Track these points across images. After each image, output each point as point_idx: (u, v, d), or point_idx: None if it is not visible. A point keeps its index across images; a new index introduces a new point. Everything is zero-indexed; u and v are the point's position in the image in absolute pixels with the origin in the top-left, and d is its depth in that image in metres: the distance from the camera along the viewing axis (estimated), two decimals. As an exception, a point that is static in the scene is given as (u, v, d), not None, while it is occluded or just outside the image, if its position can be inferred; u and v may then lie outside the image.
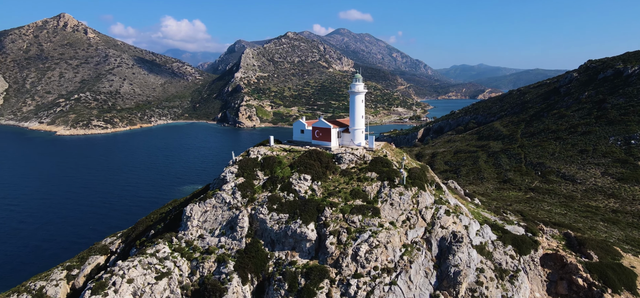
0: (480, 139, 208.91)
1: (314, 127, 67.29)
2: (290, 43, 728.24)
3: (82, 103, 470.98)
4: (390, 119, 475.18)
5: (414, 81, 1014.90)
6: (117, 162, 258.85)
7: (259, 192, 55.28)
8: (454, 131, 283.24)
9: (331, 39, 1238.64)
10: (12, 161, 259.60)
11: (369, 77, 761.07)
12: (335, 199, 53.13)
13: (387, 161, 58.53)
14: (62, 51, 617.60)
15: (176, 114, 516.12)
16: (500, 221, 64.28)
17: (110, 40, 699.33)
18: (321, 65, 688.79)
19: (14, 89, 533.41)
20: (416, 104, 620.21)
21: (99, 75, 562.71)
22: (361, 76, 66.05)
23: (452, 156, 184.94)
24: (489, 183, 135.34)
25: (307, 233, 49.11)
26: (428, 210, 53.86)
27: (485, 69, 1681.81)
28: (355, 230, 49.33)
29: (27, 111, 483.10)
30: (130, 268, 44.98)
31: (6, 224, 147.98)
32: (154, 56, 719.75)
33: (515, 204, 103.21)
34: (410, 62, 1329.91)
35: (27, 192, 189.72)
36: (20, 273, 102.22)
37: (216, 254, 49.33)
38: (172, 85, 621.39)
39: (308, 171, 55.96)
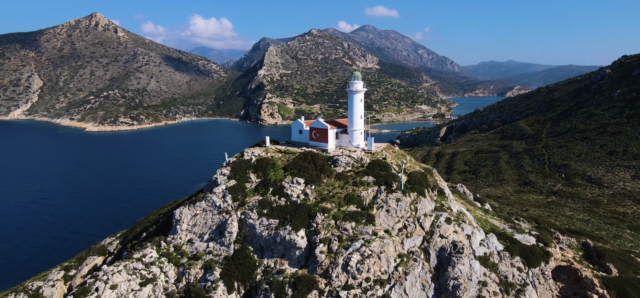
0: (503, 138, 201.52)
1: (311, 128, 65.10)
2: (314, 40, 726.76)
3: (111, 100, 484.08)
4: (414, 117, 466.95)
5: (440, 78, 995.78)
6: (140, 158, 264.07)
7: (250, 195, 53.64)
8: (477, 130, 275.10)
9: (356, 36, 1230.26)
10: (41, 157, 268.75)
11: (393, 74, 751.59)
12: (329, 204, 50.86)
13: (386, 165, 55.76)
14: (94, 49, 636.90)
15: (200, 112, 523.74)
16: (509, 230, 60.47)
17: (138, 39, 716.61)
18: (344, 62, 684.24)
19: (48, 86, 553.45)
20: (441, 101, 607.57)
21: (127, 73, 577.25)
22: (360, 74, 63.33)
23: (473, 156, 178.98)
24: (508, 185, 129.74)
25: (296, 240, 47.11)
26: (427, 217, 50.86)
27: (515, 66, 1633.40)
28: (347, 238, 46.96)
29: (60, 107, 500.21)
30: (115, 274, 44.21)
31: (38, 218, 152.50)
32: (181, 54, 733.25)
33: (533, 209, 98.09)
34: (436, 59, 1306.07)
35: (53, 187, 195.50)
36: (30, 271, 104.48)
37: (203, 260, 48.01)
38: (197, 82, 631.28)
39: (301, 174, 53.88)
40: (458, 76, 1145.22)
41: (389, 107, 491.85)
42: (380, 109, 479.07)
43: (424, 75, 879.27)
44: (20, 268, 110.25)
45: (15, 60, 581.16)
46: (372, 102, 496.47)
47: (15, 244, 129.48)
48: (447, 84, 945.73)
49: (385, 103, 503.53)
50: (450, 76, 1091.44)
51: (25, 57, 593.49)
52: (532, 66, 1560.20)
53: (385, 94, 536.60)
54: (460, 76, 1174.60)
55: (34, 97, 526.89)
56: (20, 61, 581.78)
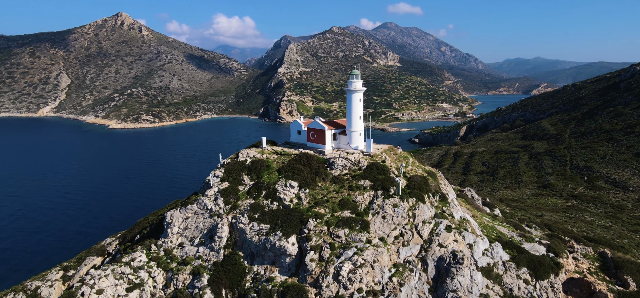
0: (525, 138, 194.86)
1: (309, 128, 63.26)
2: (335, 38, 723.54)
3: (134, 98, 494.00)
4: (434, 116, 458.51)
5: (463, 75, 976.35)
6: (160, 155, 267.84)
7: (243, 199, 52.32)
8: (498, 129, 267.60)
9: (377, 33, 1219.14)
10: (66, 153, 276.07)
11: (415, 71, 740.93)
12: (322, 209, 49.00)
13: (384, 168, 53.45)
14: (119, 48, 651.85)
15: (220, 109, 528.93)
16: (517, 238, 57.24)
17: (162, 37, 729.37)
18: (365, 60, 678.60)
19: (75, 84, 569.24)
20: (463, 99, 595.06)
21: (151, 71, 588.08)
22: (358, 72, 61.04)
23: (492, 156, 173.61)
24: (526, 188, 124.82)
25: (286, 247, 45.48)
26: (426, 225, 48.37)
27: (542, 63, 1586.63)
28: (340, 245, 45.03)
29: (86, 105, 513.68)
30: (102, 278, 43.69)
31: (62, 212, 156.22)
32: (203, 52, 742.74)
33: (549, 214, 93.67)
34: (459, 56, 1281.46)
35: (76, 183, 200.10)
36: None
37: (192, 265, 46.99)
38: (218, 80, 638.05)
39: (295, 177, 52.15)
40: (482, 74, 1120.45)
41: (409, 106, 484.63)
42: (400, 108, 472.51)
43: (446, 73, 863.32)
44: (45, 262, 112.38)
45: (45, 59, 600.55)
46: (392, 100, 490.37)
47: (42, 238, 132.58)
48: (470, 82, 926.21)
49: (405, 101, 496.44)
50: (473, 74, 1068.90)
51: (55, 56, 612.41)
52: (560, 63, 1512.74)
53: (405, 92, 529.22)
54: (484, 73, 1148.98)
55: (62, 95, 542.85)
56: (50, 60, 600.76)
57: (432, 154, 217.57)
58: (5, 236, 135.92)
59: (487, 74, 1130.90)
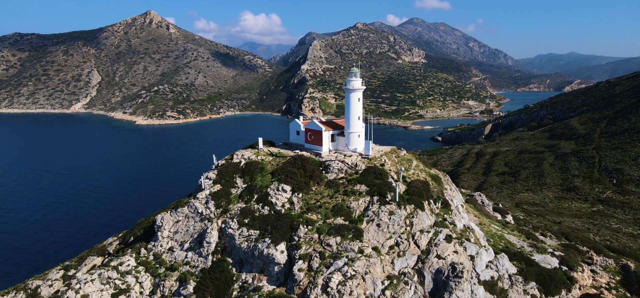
0: (552, 137, 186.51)
1: (307, 129, 61.10)
2: (359, 34, 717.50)
3: (160, 95, 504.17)
4: (459, 113, 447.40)
5: (491, 72, 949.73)
6: (182, 151, 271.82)
7: (234, 202, 50.83)
8: (525, 128, 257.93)
9: (403, 29, 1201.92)
10: (93, 148, 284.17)
11: (441, 68, 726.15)
12: (314, 215, 46.90)
13: (382, 172, 50.81)
14: (147, 46, 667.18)
15: (243, 106, 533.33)
16: (528, 248, 53.56)
17: (189, 35, 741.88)
18: (390, 56, 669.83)
19: (105, 81, 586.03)
20: (490, 96, 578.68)
21: (177, 68, 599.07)
22: (358, 70, 58.48)
23: (515, 156, 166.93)
24: (549, 191, 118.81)
25: (275, 255, 43.68)
26: (424, 234, 45.55)
27: (577, 58, 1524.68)
28: (330, 255, 42.85)
29: (115, 101, 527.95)
30: (88, 283, 43.17)
31: (84, 203, 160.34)
32: (228, 49, 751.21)
33: (570, 219, 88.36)
34: (488, 52, 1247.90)
35: (99, 178, 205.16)
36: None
37: (180, 271, 45.86)
38: (242, 77, 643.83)
39: (289, 181, 50.23)
40: (511, 70, 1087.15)
41: (433, 103, 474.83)
42: (424, 105, 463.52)
43: (474, 69, 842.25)
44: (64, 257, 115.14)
45: (77, 57, 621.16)
46: (416, 97, 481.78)
47: (70, 231, 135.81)
48: (498, 78, 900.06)
49: (430, 99, 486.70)
50: (502, 70, 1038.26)
51: (87, 54, 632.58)
52: (596, 59, 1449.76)
53: (430, 89, 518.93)
54: (513, 69, 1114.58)
55: (92, 92, 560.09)
56: (82, 58, 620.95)
57: (453, 154, 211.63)
58: (29, 229, 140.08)
59: (517, 71, 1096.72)
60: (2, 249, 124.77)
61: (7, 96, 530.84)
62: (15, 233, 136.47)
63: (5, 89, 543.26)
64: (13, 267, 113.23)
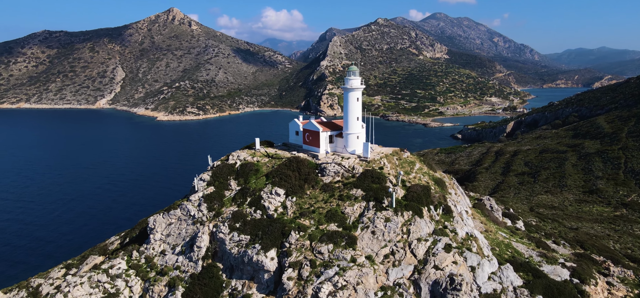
0: (576, 136, 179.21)
1: (304, 129, 59.30)
2: (380, 30, 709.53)
3: (182, 91, 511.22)
4: (481, 110, 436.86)
5: (516, 67, 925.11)
6: (200, 147, 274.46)
7: (227, 205, 49.63)
8: (549, 126, 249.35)
9: (425, 24, 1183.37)
10: (116, 143, 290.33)
11: (463, 64, 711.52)
12: (307, 221, 45.25)
13: (380, 176, 48.68)
14: (170, 42, 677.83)
15: (263, 102, 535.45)
16: (537, 258, 50.52)
17: (210, 31, 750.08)
18: (411, 52, 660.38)
19: (129, 78, 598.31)
20: (514, 93, 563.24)
21: (198, 65, 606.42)
22: (357, 69, 56.32)
23: (536, 156, 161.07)
24: (569, 193, 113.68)
25: (264, 262, 42.28)
26: (421, 242, 43.30)
27: (607, 53, 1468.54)
28: (321, 263, 41.13)
29: (138, 97, 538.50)
30: (77, 286, 42.85)
31: (105, 197, 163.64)
32: (249, 45, 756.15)
33: (590, 224, 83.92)
34: (513, 47, 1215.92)
35: (120, 172, 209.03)
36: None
37: (169, 276, 45.00)
38: (262, 73, 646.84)
39: (283, 184, 48.67)
40: (537, 65, 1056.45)
41: (454, 100, 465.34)
42: (445, 102, 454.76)
43: (498, 65, 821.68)
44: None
45: (103, 53, 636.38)
46: (437, 94, 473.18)
47: (87, 226, 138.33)
48: (523, 74, 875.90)
49: (451, 95, 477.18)
50: (528, 65, 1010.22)
51: (112, 50, 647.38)
52: (629, 53, 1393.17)
53: (451, 85, 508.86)
54: (540, 65, 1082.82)
55: (117, 88, 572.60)
56: (107, 54, 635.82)
57: (472, 152, 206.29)
58: (55, 221, 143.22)
59: (543, 66, 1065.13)
60: (27, 240, 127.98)
61: (36, 92, 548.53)
62: (41, 225, 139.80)
63: (35, 85, 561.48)
64: (39, 258, 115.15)
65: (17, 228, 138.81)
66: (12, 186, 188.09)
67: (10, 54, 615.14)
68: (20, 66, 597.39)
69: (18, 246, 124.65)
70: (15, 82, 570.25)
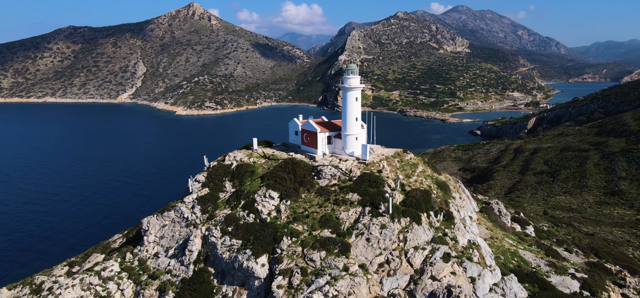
0: (600, 134, 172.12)
1: (302, 129, 57.58)
2: (399, 24, 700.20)
3: (200, 86, 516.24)
4: (502, 106, 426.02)
5: (541, 61, 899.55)
6: (217, 141, 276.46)
7: (221, 208, 48.55)
8: (572, 122, 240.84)
9: (447, 17, 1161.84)
10: (137, 136, 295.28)
11: (485, 58, 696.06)
12: (300, 226, 43.75)
13: (378, 180, 46.70)
14: (189, 37, 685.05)
15: (280, 97, 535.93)
16: (545, 268, 47.81)
17: (229, 26, 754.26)
18: (431, 46, 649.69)
19: (150, 72, 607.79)
20: (538, 88, 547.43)
21: (217, 59, 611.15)
22: (356, 67, 54.19)
23: (557, 154, 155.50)
24: (590, 194, 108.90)
25: (254, 268, 41.04)
26: (418, 251, 41.27)
27: (639, 46, 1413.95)
28: (313, 271, 39.61)
29: (158, 92, 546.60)
30: (68, 288, 42.60)
31: (125, 191, 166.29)
32: (267, 40, 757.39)
33: (608, 229, 79.84)
34: (538, 40, 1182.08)
35: (139, 166, 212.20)
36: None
37: (160, 280, 44.28)
38: (280, 68, 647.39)
39: (277, 187, 47.22)
40: (563, 59, 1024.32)
41: (474, 95, 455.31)
42: (465, 97, 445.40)
43: (521, 58, 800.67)
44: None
45: (125, 48, 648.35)
46: (457, 89, 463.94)
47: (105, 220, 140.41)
48: (548, 68, 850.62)
49: (471, 90, 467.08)
50: (553, 59, 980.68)
51: (133, 45, 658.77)
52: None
53: (472, 79, 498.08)
54: (566, 58, 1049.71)
55: (138, 83, 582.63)
56: (129, 49, 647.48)
57: (490, 149, 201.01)
58: (69, 215, 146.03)
59: (569, 60, 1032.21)
60: (51, 232, 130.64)
61: (61, 86, 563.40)
62: (65, 218, 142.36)
63: (60, 79, 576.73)
64: (61, 250, 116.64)
65: (42, 219, 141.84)
66: (37, 178, 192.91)
67: (37, 49, 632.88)
68: (46, 61, 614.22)
69: (43, 238, 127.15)
70: (41, 77, 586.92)
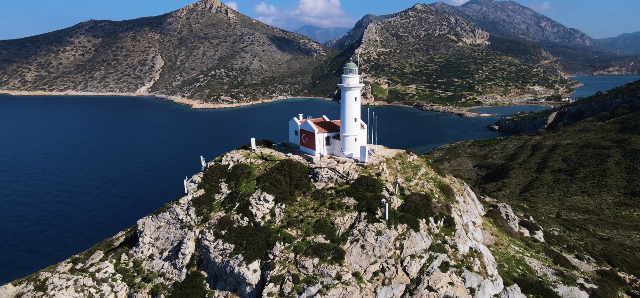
0: (623, 130, 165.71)
1: (301, 130, 55.97)
2: (418, 16, 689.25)
3: (217, 79, 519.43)
4: (522, 100, 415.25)
5: (564, 54, 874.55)
6: (231, 134, 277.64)
7: (216, 210, 47.57)
8: (595, 117, 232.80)
9: (466, 9, 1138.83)
10: (150, 129, 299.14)
11: (506, 50, 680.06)
12: (294, 231, 42.44)
13: (376, 183, 44.93)
14: (207, 31, 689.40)
15: (296, 90, 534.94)
16: (552, 278, 45.44)
17: (246, 19, 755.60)
18: (449, 38, 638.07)
19: (168, 66, 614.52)
20: (561, 81, 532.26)
21: (233, 53, 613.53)
22: (355, 66, 52.22)
23: (576, 151, 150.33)
24: (609, 194, 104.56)
25: (246, 274, 39.97)
26: (415, 259, 39.50)
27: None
28: (305, 279, 38.30)
29: (175, 85, 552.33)
30: (62, 289, 42.43)
31: (143, 183, 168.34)
32: (284, 33, 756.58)
33: (627, 232, 76.17)
34: (562, 31, 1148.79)
35: (158, 159, 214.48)
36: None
37: (153, 283, 43.68)
38: (296, 61, 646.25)
39: (272, 190, 45.93)
40: (588, 51, 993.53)
41: (494, 88, 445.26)
42: (483, 91, 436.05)
43: (544, 51, 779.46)
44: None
45: (143, 42, 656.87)
46: (475, 82, 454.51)
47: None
48: (572, 60, 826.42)
49: (490, 84, 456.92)
50: (577, 52, 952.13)
51: (152, 39, 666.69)
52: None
53: (491, 73, 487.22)
54: (591, 50, 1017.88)
55: (156, 76, 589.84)
56: (148, 43, 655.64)
57: (507, 145, 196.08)
58: (89, 207, 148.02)
59: (595, 52, 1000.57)
60: (72, 223, 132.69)
61: (82, 80, 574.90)
62: (86, 210, 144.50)
63: (81, 73, 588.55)
64: (81, 241, 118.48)
65: (63, 210, 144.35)
66: (58, 170, 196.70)
67: (59, 43, 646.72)
68: (68, 55, 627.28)
69: (64, 229, 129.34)
70: (63, 71, 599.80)
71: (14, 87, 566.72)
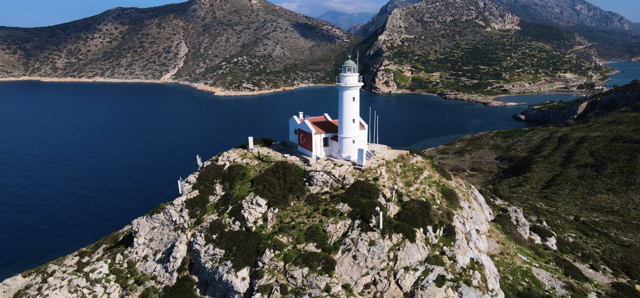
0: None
1: (299, 129, 53.89)
2: (444, 0, 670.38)
3: (239, 66, 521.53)
4: (552, 88, 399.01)
5: (601, 38, 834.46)
6: (253, 122, 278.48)
7: (210, 212, 46.51)
8: (629, 108, 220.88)
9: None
10: (174, 116, 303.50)
11: (537, 36, 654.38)
12: (285, 238, 40.88)
13: (372, 189, 42.68)
14: (230, 17, 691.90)
15: (318, 78, 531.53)
16: (561, 291, 42.38)
17: (269, 5, 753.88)
18: (477, 24, 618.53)
19: (192, 53, 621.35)
20: (595, 68, 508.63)
21: (256, 40, 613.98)
22: (354, 64, 49.61)
23: (606, 144, 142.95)
24: (636, 193, 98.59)
25: (234, 282, 38.79)
26: (409, 272, 37.32)
27: None
28: (293, 289, 36.80)
29: (198, 72, 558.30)
30: (56, 289, 42.47)
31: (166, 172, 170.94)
32: (307, 20, 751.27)
33: (653, 240, 71.24)
34: (599, 15, 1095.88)
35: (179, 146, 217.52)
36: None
37: (144, 286, 43.16)
38: (319, 48, 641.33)
39: (265, 193, 44.37)
40: (627, 36, 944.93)
41: (522, 76, 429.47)
42: (511, 78, 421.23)
43: (578, 36, 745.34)
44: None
45: (168, 29, 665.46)
46: (503, 70, 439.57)
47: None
48: (608, 46, 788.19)
49: (519, 71, 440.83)
50: (615, 36, 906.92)
51: (176, 26, 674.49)
52: None
53: (520, 60, 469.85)
54: (630, 35, 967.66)
55: (180, 63, 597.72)
56: (172, 30, 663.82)
57: (532, 137, 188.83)
58: (116, 194, 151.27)
59: (634, 36, 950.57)
60: (104, 209, 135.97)
61: (109, 67, 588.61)
62: (113, 197, 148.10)
63: (108, 60, 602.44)
64: (107, 227, 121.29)
65: (92, 196, 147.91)
66: (85, 156, 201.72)
67: (88, 30, 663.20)
68: (96, 42, 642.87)
69: (93, 214, 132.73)
70: (92, 58, 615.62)
71: (46, 73, 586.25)
